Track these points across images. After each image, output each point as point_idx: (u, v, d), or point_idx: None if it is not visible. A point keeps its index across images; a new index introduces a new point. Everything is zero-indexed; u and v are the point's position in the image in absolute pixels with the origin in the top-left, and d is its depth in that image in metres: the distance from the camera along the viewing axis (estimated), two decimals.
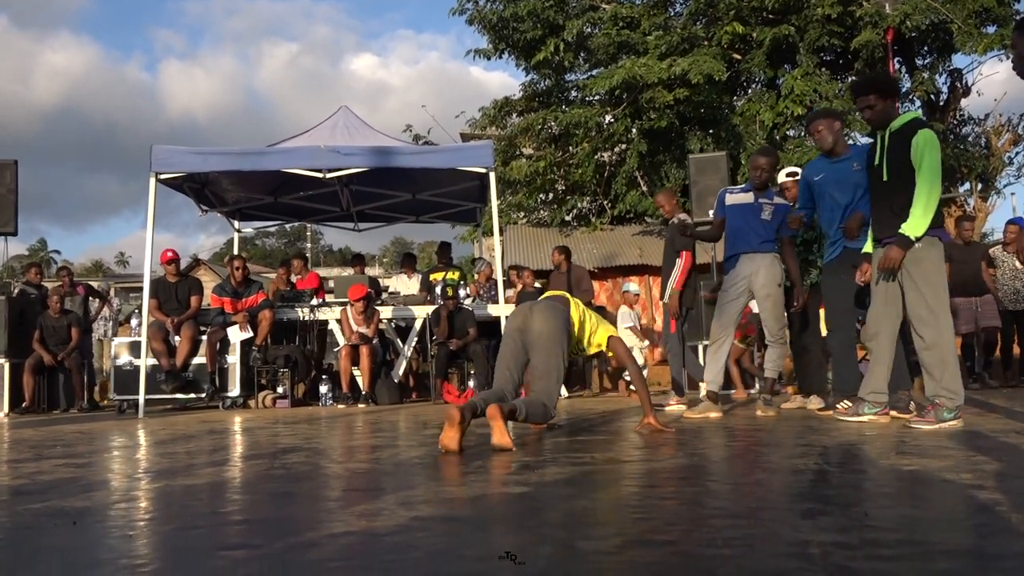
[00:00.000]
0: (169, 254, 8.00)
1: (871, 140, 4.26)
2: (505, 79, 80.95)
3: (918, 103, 13.96)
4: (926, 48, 14.38)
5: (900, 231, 3.81)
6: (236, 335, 7.66)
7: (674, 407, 5.73)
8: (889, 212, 3.94)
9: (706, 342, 7.63)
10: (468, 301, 8.43)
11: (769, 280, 4.93)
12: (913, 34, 13.12)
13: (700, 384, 6.15)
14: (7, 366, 7.85)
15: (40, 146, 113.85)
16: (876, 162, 4.02)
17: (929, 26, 12.75)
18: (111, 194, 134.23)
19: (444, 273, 9.00)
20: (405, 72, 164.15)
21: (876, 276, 4.03)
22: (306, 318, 8.33)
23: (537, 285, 9.26)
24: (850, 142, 6.13)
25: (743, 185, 5.21)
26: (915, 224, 3.78)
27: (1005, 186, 19.50)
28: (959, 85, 14.51)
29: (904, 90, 13.70)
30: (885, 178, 3.95)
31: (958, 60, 14.25)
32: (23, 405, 7.82)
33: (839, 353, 4.75)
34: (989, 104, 33.83)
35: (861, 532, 1.67)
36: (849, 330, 4.72)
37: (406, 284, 9.49)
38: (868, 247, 4.22)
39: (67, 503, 2.34)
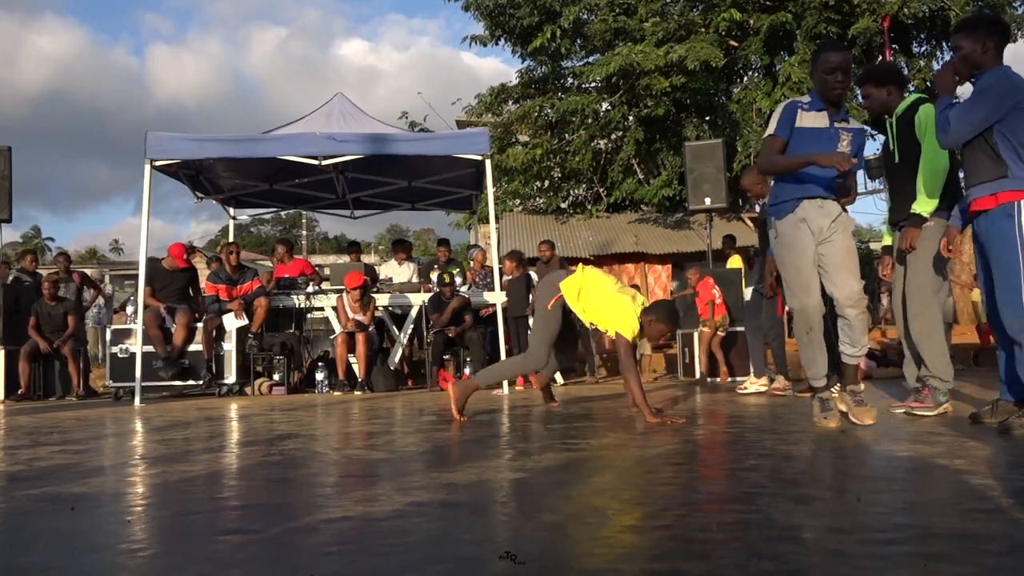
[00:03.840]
0: (176, 249, 8.01)
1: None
2: (498, 65, 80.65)
3: (914, 90, 13.94)
4: (923, 35, 14.35)
5: (912, 210, 3.75)
6: (232, 322, 7.66)
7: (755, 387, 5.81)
8: (900, 195, 3.91)
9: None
10: (464, 289, 8.44)
11: (845, 227, 3.53)
12: (911, 21, 13.09)
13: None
14: (2, 353, 7.83)
15: (27, 131, 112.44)
16: (891, 147, 4.00)
17: (927, 13, 12.73)
18: (101, 180, 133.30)
19: (444, 271, 9.02)
20: (396, 58, 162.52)
21: (895, 262, 3.97)
22: (302, 305, 8.32)
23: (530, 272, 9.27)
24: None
25: (809, 99, 3.60)
26: (924, 201, 3.71)
27: None
28: None
29: None
30: (896, 160, 3.93)
31: None
32: (19, 392, 7.81)
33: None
34: None
35: (854, 517, 1.69)
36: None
37: (396, 270, 9.48)
38: (887, 240, 4.16)
39: (65, 489, 2.34)
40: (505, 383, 6.92)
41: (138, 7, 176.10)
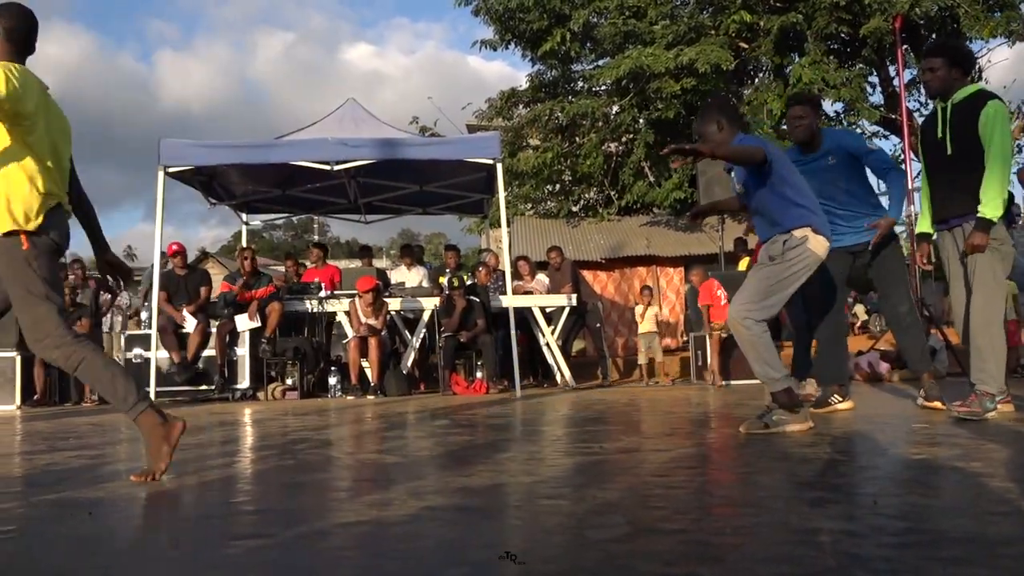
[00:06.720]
0: (174, 247, 8.05)
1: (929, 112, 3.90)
2: (504, 69, 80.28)
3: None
4: (933, 34, 14.25)
5: (980, 215, 3.54)
6: (244, 323, 7.69)
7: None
8: (953, 190, 3.71)
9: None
10: None
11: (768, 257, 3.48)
12: (922, 21, 13.00)
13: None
14: (18, 360, 7.90)
15: None
16: (939, 135, 3.75)
17: (937, 12, 12.64)
18: (109, 187, 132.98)
19: (453, 275, 9.05)
20: (402, 62, 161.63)
21: (948, 261, 3.80)
22: (314, 310, 8.36)
23: (542, 276, 9.29)
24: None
25: None
26: (994, 205, 3.52)
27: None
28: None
29: (912, 77, 13.61)
30: (949, 152, 3.70)
31: None
32: (34, 398, 7.88)
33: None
34: (998, 91, 33.49)
35: (869, 519, 1.68)
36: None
37: (405, 275, 9.50)
38: (924, 227, 3.95)
39: (81, 494, 2.36)
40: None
41: (144, 13, 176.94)
